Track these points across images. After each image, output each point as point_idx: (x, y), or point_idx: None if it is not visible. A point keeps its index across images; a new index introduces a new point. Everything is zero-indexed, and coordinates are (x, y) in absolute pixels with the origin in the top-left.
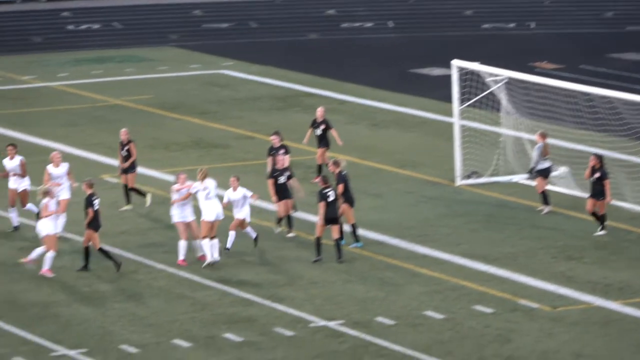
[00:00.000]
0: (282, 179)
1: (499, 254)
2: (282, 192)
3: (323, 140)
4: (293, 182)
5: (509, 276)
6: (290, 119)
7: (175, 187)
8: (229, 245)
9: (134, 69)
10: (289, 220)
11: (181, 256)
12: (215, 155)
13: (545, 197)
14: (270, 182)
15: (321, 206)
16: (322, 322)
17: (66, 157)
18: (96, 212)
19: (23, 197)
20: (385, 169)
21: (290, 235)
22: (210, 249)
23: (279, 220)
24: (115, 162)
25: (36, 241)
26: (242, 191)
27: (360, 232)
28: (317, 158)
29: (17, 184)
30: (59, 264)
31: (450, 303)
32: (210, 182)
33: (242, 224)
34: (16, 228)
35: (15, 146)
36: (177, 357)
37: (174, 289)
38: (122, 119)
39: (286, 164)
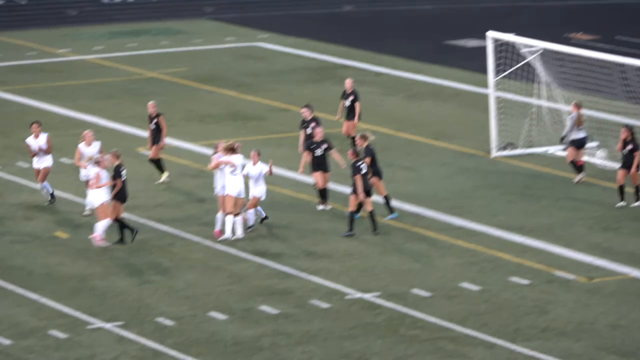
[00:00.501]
0: (318, 152)
1: (534, 225)
2: (320, 165)
3: (351, 112)
4: (334, 154)
5: (545, 247)
6: (325, 91)
7: (215, 156)
8: (251, 223)
9: (169, 42)
10: (325, 193)
11: (218, 226)
12: (250, 127)
13: (575, 166)
14: (305, 154)
15: (358, 179)
16: (358, 294)
17: (102, 129)
18: (123, 183)
19: (42, 174)
20: (420, 140)
21: (324, 207)
22: (231, 226)
23: (322, 197)
24: None
25: (72, 214)
26: (260, 167)
27: (396, 204)
28: (343, 130)
29: (40, 162)
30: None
31: (486, 275)
32: (237, 158)
33: (257, 202)
34: (52, 196)
35: (40, 124)
36: (213, 330)
37: (210, 261)
38: (157, 91)
39: (322, 137)
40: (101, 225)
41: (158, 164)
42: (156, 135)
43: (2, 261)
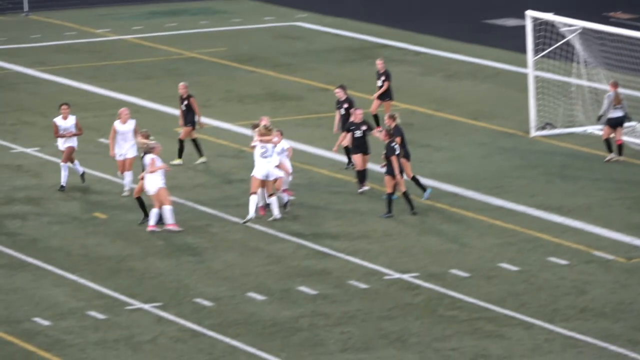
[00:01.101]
0: (358, 133)
1: (573, 205)
2: (359, 147)
3: (383, 93)
4: (376, 133)
5: (583, 227)
6: (364, 71)
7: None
8: (285, 201)
9: (208, 22)
10: (364, 175)
11: (260, 203)
12: (289, 107)
13: (610, 144)
14: (343, 135)
15: (394, 160)
16: (397, 275)
17: (140, 109)
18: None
19: (66, 154)
20: (459, 120)
21: (363, 189)
22: (254, 207)
23: (361, 179)
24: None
25: (110, 195)
26: (281, 145)
27: (434, 184)
28: (371, 109)
29: (65, 143)
30: (132, 218)
31: (524, 255)
32: (271, 139)
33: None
34: (82, 176)
35: (69, 106)
36: (252, 311)
37: (248, 242)
38: (196, 71)
39: (362, 118)
40: (168, 212)
41: (196, 145)
42: (187, 117)
43: (41, 242)
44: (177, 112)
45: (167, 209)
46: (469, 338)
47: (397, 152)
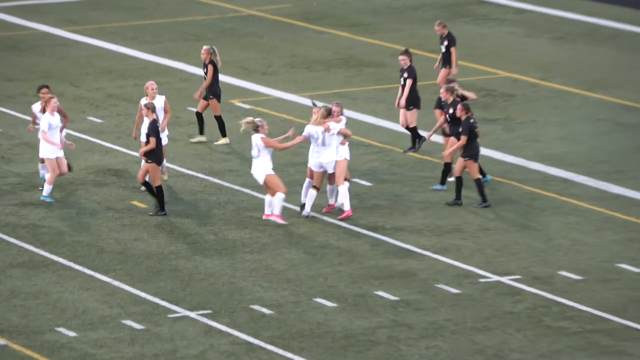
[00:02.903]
0: (451, 112)
1: None
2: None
3: (447, 61)
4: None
5: None
6: (456, 31)
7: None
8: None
9: None
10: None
11: (331, 201)
12: (367, 75)
13: None
14: (437, 113)
15: (464, 139)
16: (494, 277)
17: (190, 77)
18: (159, 143)
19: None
20: (571, 91)
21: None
22: (313, 200)
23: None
24: (247, 83)
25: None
26: (338, 127)
27: (541, 168)
28: (437, 80)
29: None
30: (178, 208)
31: None
32: (334, 126)
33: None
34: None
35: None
36: (319, 320)
37: (316, 237)
38: (255, 32)
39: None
40: (278, 201)
41: (220, 122)
42: (210, 87)
43: (67, 236)
44: (234, 80)
45: (280, 198)
46: (581, 355)
47: (477, 129)
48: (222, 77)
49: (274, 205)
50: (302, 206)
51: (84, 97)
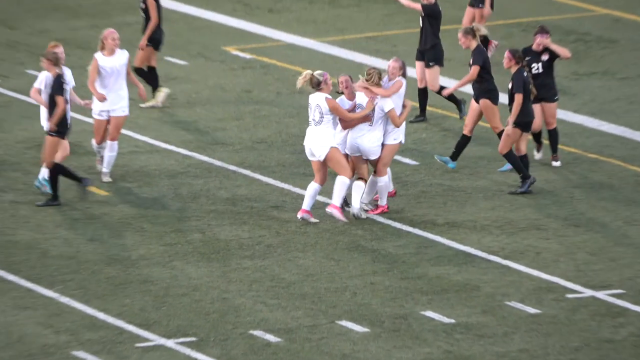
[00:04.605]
0: (536, 68)
1: None
2: (541, 89)
3: None
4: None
5: None
6: None
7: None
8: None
9: None
10: (540, 137)
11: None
12: (413, 12)
13: None
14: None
15: (520, 97)
16: (587, 292)
17: (169, 16)
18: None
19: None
20: None
21: (540, 155)
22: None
23: (537, 140)
24: (248, 24)
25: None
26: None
27: None
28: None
29: None
30: (151, 197)
31: None
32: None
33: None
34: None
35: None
36: (346, 351)
37: (341, 237)
38: None
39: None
40: (340, 188)
41: (152, 76)
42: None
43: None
44: (229, 21)
45: (343, 183)
46: None
47: (532, 84)
48: (213, 16)
49: (335, 189)
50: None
51: (22, 43)
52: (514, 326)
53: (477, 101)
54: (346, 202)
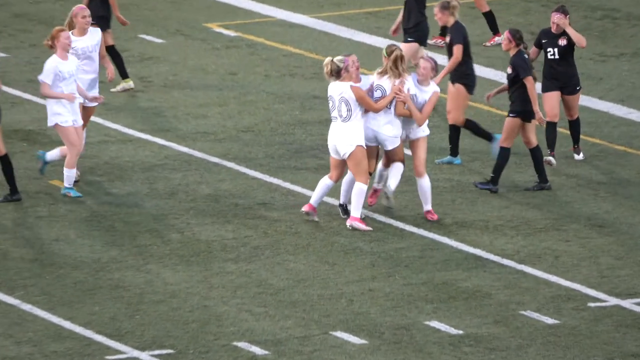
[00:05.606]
0: (551, 52)
1: None
2: (555, 76)
3: None
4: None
5: None
6: None
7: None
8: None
9: None
10: (554, 132)
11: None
12: None
13: None
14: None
15: (530, 81)
16: (612, 300)
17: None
18: None
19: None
20: None
21: (551, 159)
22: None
23: (551, 139)
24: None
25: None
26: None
27: None
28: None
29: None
30: (123, 192)
31: None
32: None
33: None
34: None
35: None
36: None
37: (337, 237)
38: None
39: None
40: (358, 196)
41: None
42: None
43: None
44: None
45: (361, 190)
46: None
47: (534, 69)
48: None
49: (353, 199)
50: (343, 207)
51: None
52: (530, 338)
53: (453, 84)
54: (345, 210)
